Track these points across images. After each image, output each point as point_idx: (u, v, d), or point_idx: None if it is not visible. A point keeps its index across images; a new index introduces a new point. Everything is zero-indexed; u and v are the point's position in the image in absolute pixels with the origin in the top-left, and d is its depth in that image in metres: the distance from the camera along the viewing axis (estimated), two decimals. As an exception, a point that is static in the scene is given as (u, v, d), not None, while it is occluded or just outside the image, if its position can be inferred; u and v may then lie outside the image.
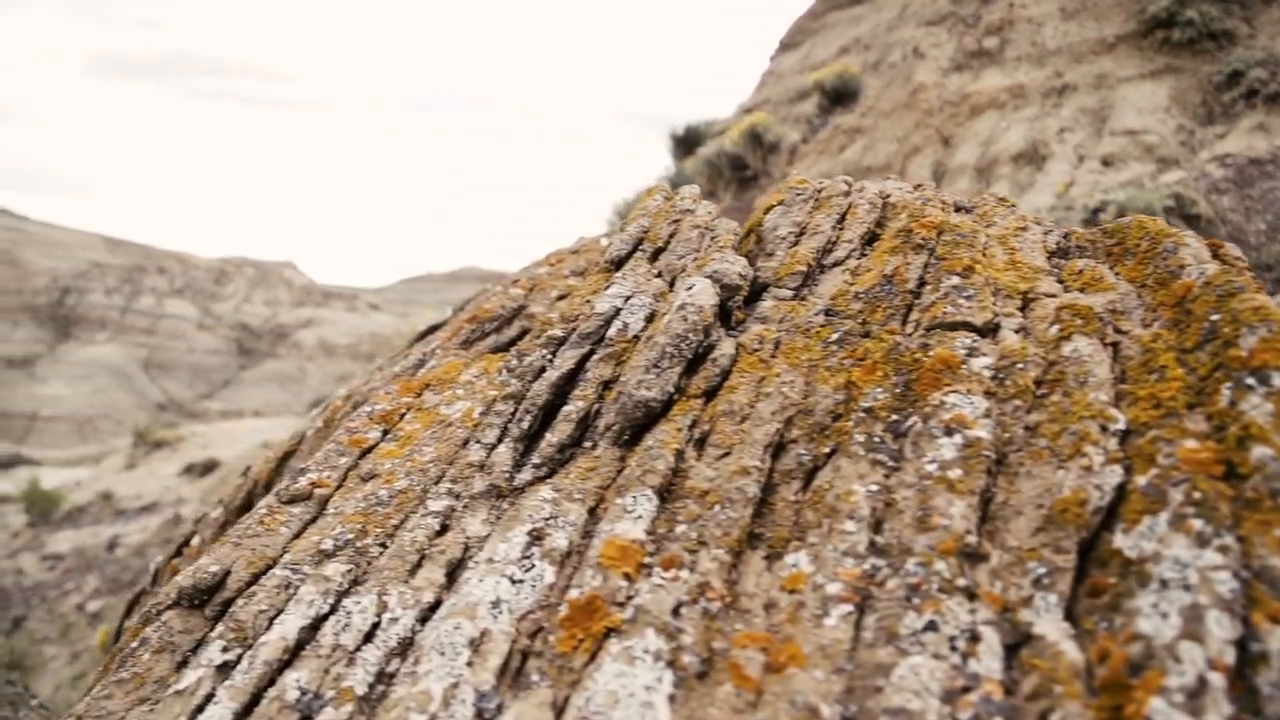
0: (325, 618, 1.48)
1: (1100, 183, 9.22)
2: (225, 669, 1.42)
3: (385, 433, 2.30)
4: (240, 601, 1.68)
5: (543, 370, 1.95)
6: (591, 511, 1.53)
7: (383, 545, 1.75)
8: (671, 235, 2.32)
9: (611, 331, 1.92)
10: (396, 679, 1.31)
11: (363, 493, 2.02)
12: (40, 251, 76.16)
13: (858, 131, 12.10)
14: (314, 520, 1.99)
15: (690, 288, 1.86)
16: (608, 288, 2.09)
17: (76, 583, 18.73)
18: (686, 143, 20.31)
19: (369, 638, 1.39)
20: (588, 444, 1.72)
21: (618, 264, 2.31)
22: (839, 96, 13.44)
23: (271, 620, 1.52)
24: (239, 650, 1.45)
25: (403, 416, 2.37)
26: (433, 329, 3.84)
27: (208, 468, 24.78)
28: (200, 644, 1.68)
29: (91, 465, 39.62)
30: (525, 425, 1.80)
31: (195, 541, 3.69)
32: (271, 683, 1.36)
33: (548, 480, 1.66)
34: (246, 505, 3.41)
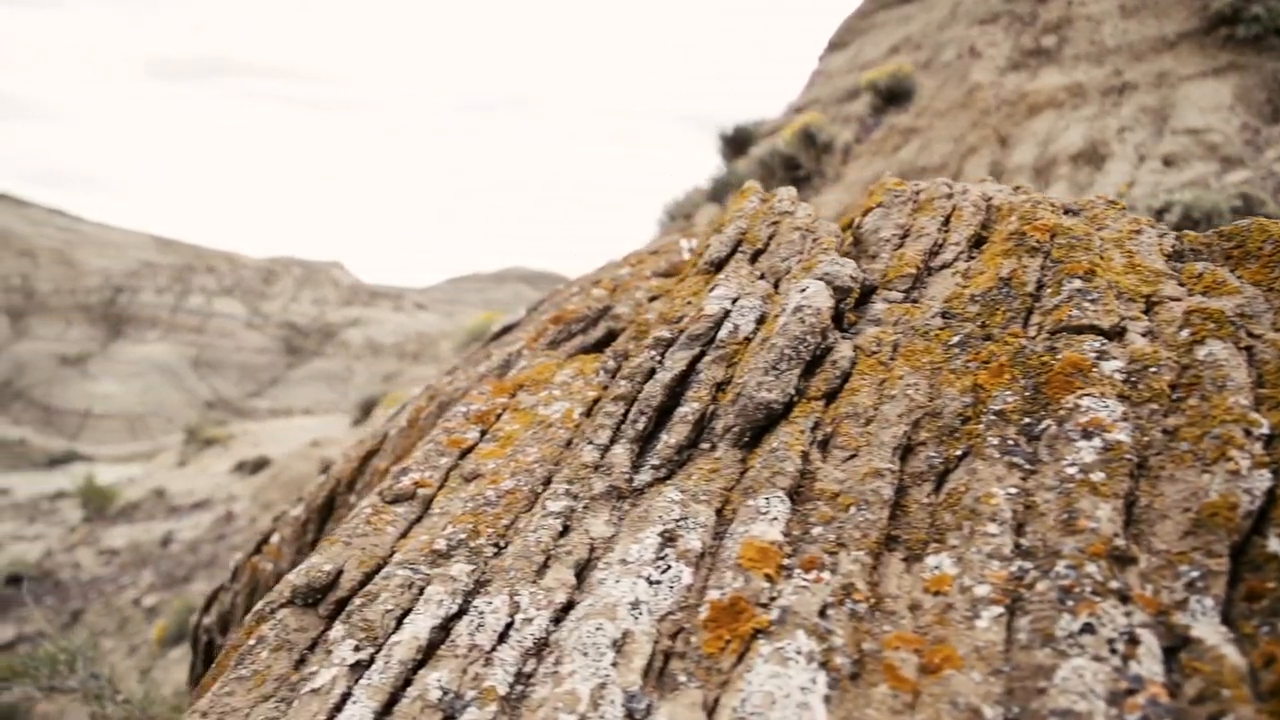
0: (455, 618, 1.50)
1: (1162, 183, 9.10)
2: (358, 668, 1.44)
3: (483, 433, 2.32)
4: (357, 601, 1.70)
5: (652, 372, 1.95)
6: (718, 513, 1.54)
7: (496, 545, 1.76)
8: (770, 237, 2.32)
9: (722, 333, 1.92)
10: (535, 679, 1.32)
11: (467, 493, 2.04)
12: (93, 251, 77.35)
13: (912, 131, 12.02)
14: (419, 520, 2.02)
15: (803, 290, 1.86)
16: (713, 289, 2.10)
17: (132, 578, 18.98)
18: (736, 143, 20.28)
19: (503, 638, 1.40)
20: (705, 445, 1.72)
21: (717, 265, 2.31)
22: (892, 96, 13.35)
23: (399, 620, 1.53)
24: (370, 650, 1.47)
25: (499, 417, 2.39)
26: (507, 329, 3.87)
27: (258, 465, 25.02)
28: (317, 642, 1.70)
29: (143, 462, 40.18)
30: (640, 427, 1.81)
31: (275, 539, 3.74)
32: (407, 682, 1.38)
33: (668, 481, 1.67)
34: (329, 504, 3.45)
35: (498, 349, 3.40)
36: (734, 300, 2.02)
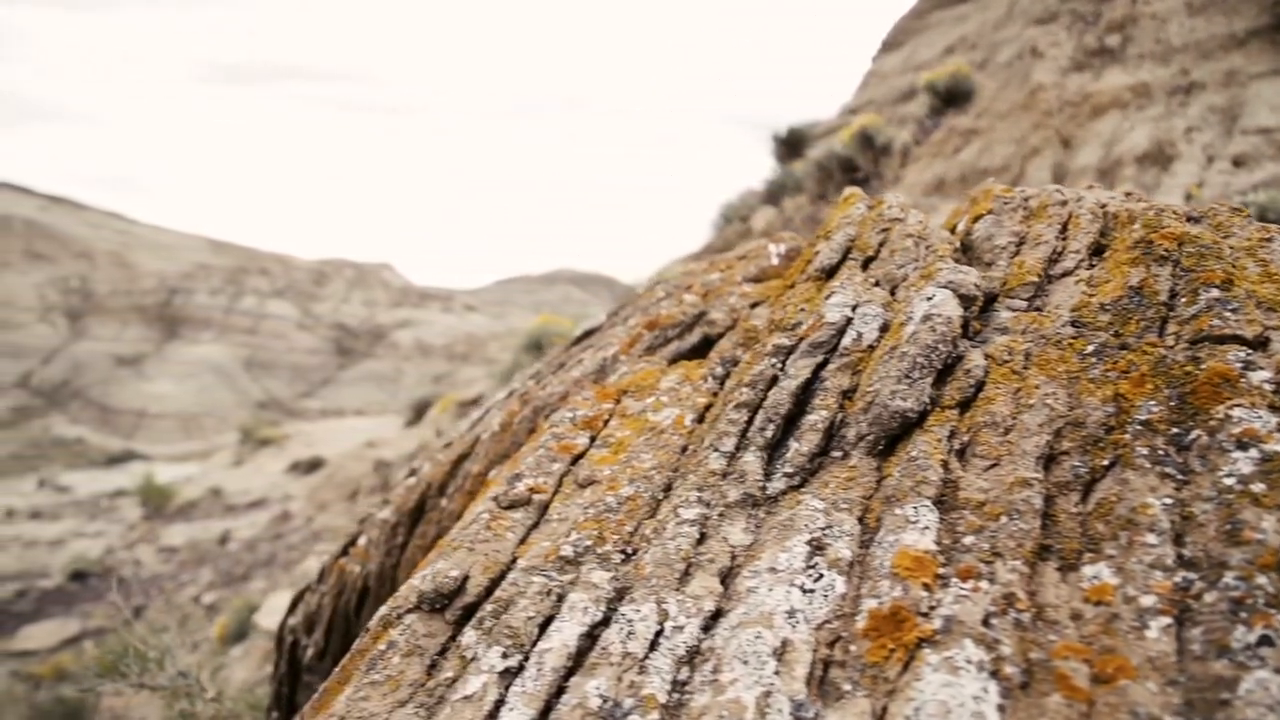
0: (600, 625, 1.52)
1: (1232, 184, 8.98)
2: (507, 675, 1.46)
3: (592, 439, 2.34)
4: (489, 607, 1.72)
5: (775, 379, 1.96)
6: (860, 521, 1.55)
7: (623, 552, 1.78)
8: (881, 244, 2.33)
9: (845, 341, 1.93)
10: (691, 687, 1.33)
11: (584, 499, 2.06)
12: (149, 253, 78.57)
13: (973, 133, 11.94)
14: (536, 525, 2.04)
15: (930, 298, 1.86)
16: (829, 297, 2.10)
17: (192, 575, 19.28)
18: (789, 145, 20.24)
19: (653, 645, 1.42)
20: (837, 453, 1.73)
21: (829, 272, 2.32)
22: (951, 97, 13.28)
23: (542, 627, 1.56)
24: (519, 656, 1.49)
25: (606, 422, 2.41)
26: (588, 333, 3.89)
27: (313, 465, 25.32)
28: (446, 647, 1.73)
29: (198, 461, 40.75)
30: (769, 434, 1.82)
31: (362, 541, 3.79)
32: (559, 690, 1.40)
33: (802, 489, 1.68)
34: (419, 507, 3.49)
35: (587, 353, 3.42)
36: (853, 307, 2.02)
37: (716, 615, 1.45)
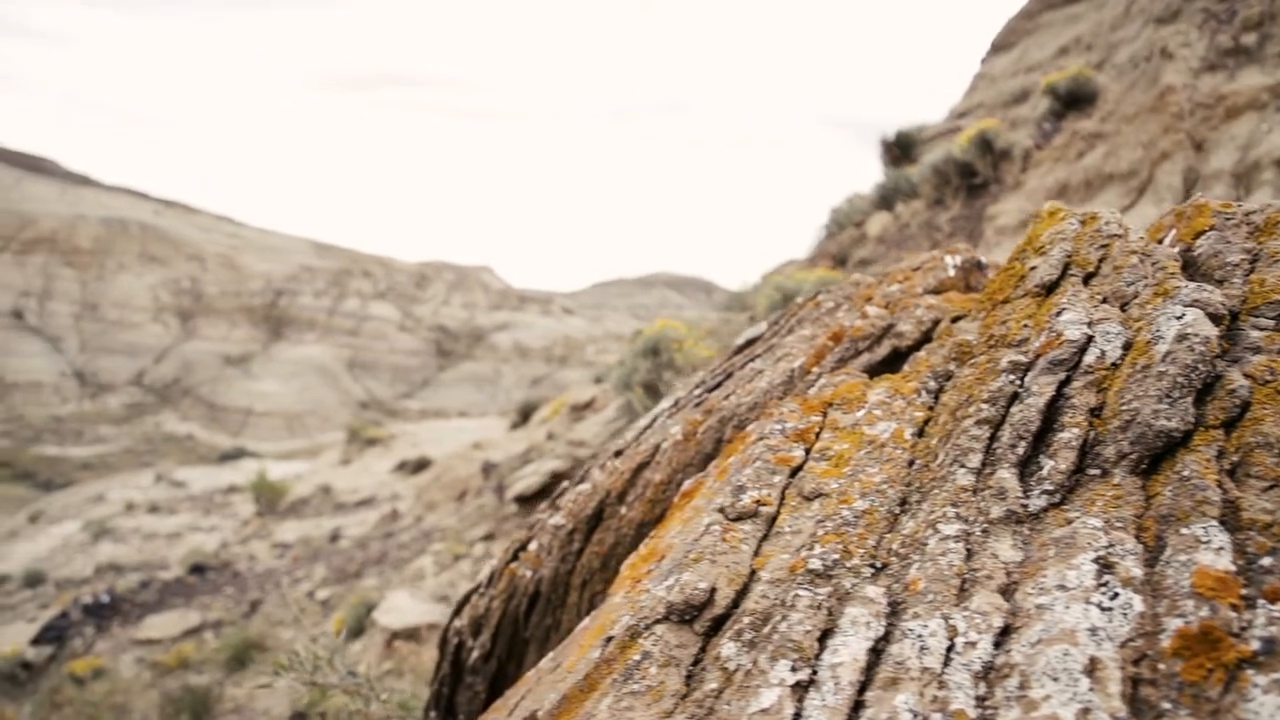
0: (881, 640, 1.55)
1: (1379, 188, 8.69)
2: (798, 689, 1.50)
3: (807, 451, 2.37)
4: (746, 619, 1.77)
5: (1014, 396, 1.98)
6: (1136, 539, 1.56)
7: (872, 566, 1.81)
8: (1101, 259, 2.33)
9: (1089, 359, 1.93)
10: (992, 702, 1.36)
11: (812, 512, 2.09)
12: (256, 256, 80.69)
13: (1097, 137, 11.71)
14: (766, 537, 2.08)
15: (1180, 316, 1.86)
16: (1059, 314, 2.11)
17: (305, 571, 19.71)
18: (897, 148, 20.08)
19: (946, 661, 1.45)
20: (1093, 471, 1.74)
21: (1048, 288, 2.32)
22: (1073, 100, 13.04)
23: (820, 640, 1.60)
24: (807, 671, 1.53)
25: (818, 435, 2.44)
26: (750, 342, 3.93)
27: (419, 466, 25.71)
28: (699, 659, 1.78)
29: (304, 459, 41.72)
30: (1020, 451, 1.83)
31: (533, 547, 3.87)
32: (857, 705, 1.43)
33: (1063, 506, 1.70)
34: (597, 515, 3.56)
35: (762, 363, 3.46)
36: (1089, 324, 2.03)
37: (1005, 631, 1.48)
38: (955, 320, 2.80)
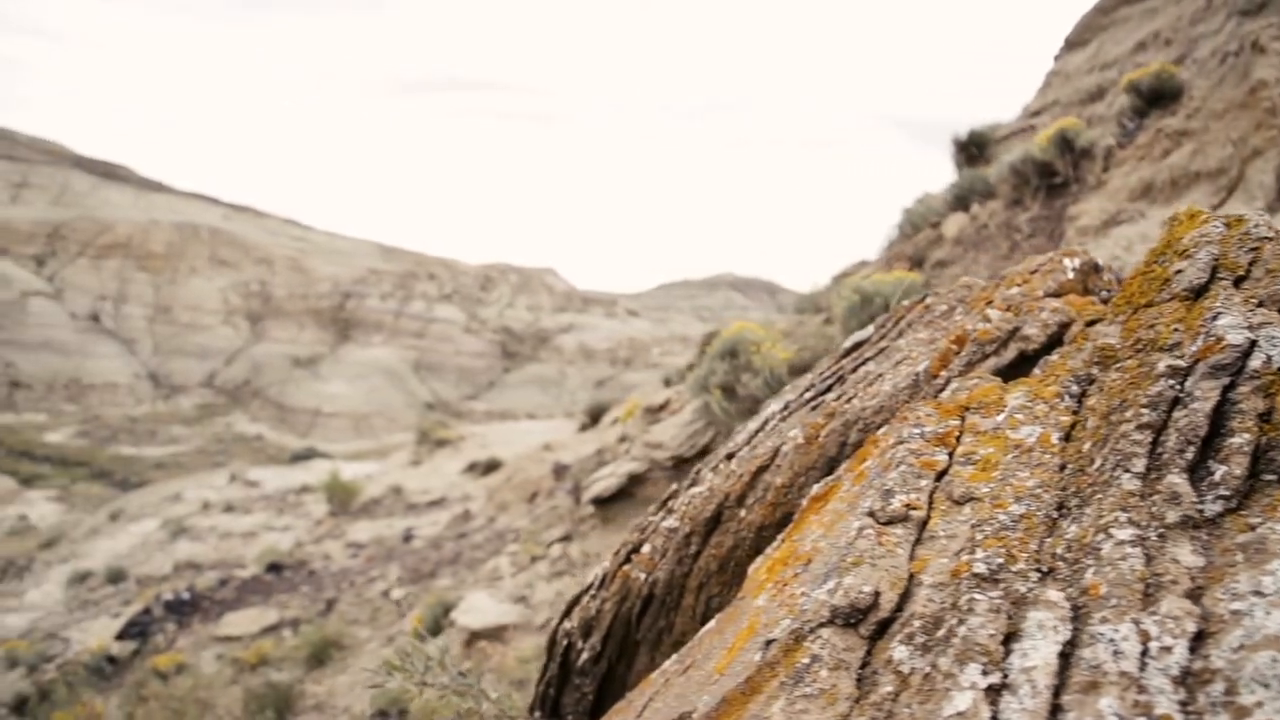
0: (1069, 643, 1.56)
1: None
2: (991, 692, 1.52)
3: (950, 455, 2.38)
4: (916, 622, 1.78)
5: (1176, 401, 1.97)
6: (1329, 547, 1.55)
7: (1037, 571, 1.82)
8: (1251, 263, 2.31)
9: (1254, 363, 1.92)
10: (1195, 708, 1.36)
11: (964, 515, 2.10)
12: (324, 259, 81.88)
13: (1183, 134, 11.51)
14: (918, 541, 2.09)
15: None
16: (1215, 318, 2.10)
17: (380, 570, 19.95)
18: (971, 148, 19.88)
19: (1142, 666, 1.46)
20: (1269, 477, 1.73)
21: (1196, 292, 2.31)
22: (1155, 97, 12.83)
23: (1005, 643, 1.61)
24: (998, 674, 1.54)
25: (958, 439, 2.45)
26: (857, 345, 3.92)
27: (490, 467, 25.92)
28: (867, 662, 1.79)
29: (373, 460, 42.26)
30: (1189, 457, 1.83)
31: (646, 549, 3.89)
32: (1055, 709, 1.44)
33: (1240, 512, 1.69)
34: (715, 518, 3.58)
35: (877, 367, 3.46)
36: (1249, 329, 2.02)
37: (1199, 636, 1.48)
38: (1090, 324, 2.78)
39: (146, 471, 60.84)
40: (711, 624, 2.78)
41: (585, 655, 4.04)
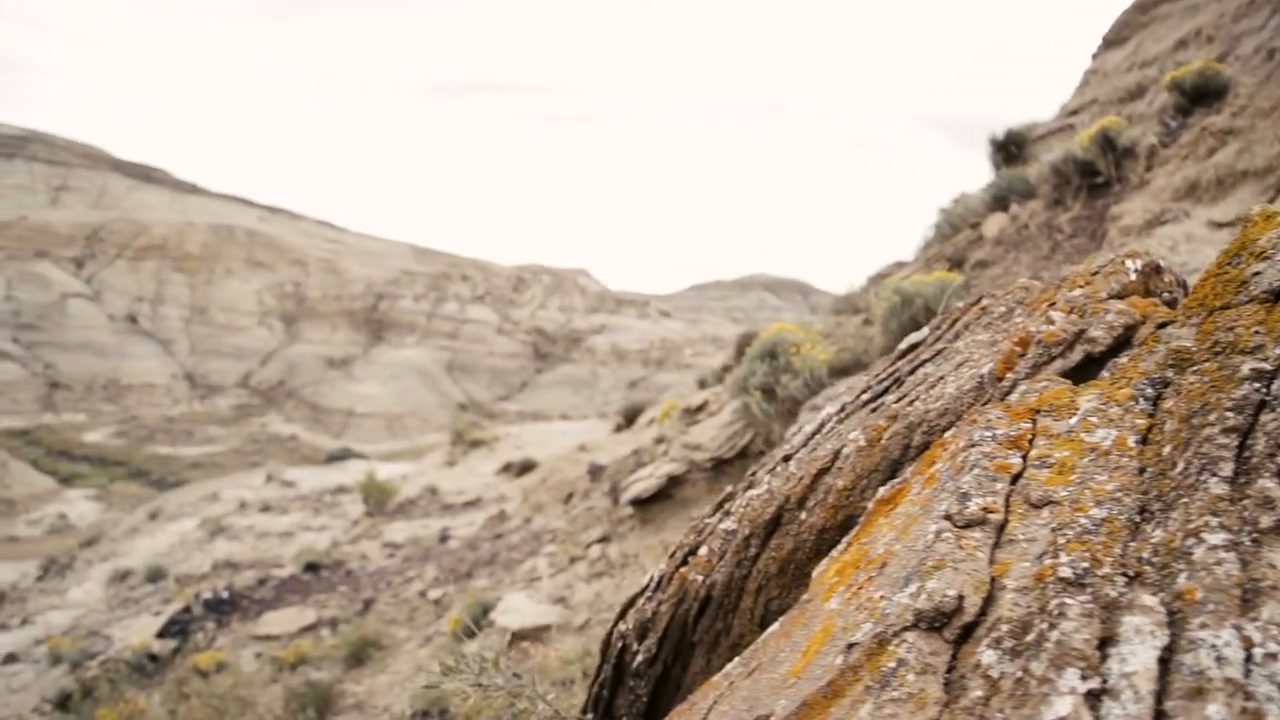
0: (1168, 648, 1.55)
1: None
2: (1091, 697, 1.51)
3: (1024, 458, 2.37)
4: (1004, 626, 1.77)
5: (1261, 404, 1.96)
6: None
7: (1124, 575, 1.81)
8: (1332, 265, 2.29)
9: (1344, 367, 1.91)
10: (1302, 713, 1.35)
11: (1043, 519, 2.09)
12: (357, 260, 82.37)
13: (1229, 133, 11.39)
14: (997, 545, 2.08)
15: None
16: (1299, 321, 2.08)
17: (416, 570, 20.06)
18: (1010, 147, 19.75)
19: (1246, 673, 1.45)
20: (1363, 482, 1.72)
21: (1277, 294, 2.29)
22: (1199, 95, 12.70)
23: (1101, 648, 1.60)
24: (1097, 680, 1.54)
25: (1031, 441, 2.43)
26: (913, 347, 3.91)
27: (525, 467, 25.99)
28: (953, 666, 1.79)
29: (407, 460, 42.50)
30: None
31: (703, 551, 3.89)
32: (1158, 714, 1.43)
33: (1335, 517, 1.68)
34: (775, 521, 3.57)
35: (937, 369, 3.45)
36: (1336, 333, 2.00)
37: (1302, 643, 1.46)
38: (1161, 326, 2.76)
39: (183, 471, 61.46)
40: (776, 626, 2.77)
41: (640, 657, 4.04)
